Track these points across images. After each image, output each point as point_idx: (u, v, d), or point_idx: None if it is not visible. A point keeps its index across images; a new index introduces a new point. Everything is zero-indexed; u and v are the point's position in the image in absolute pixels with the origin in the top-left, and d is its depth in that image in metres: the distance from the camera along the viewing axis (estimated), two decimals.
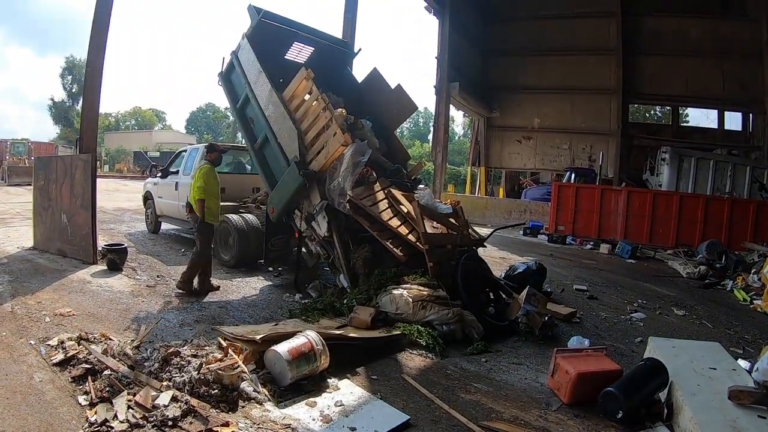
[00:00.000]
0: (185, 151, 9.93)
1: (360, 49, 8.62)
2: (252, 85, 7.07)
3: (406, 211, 6.50)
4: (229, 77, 7.67)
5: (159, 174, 10.29)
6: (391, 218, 6.36)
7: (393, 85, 7.99)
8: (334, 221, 6.44)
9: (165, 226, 10.66)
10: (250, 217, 8.16)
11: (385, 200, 6.64)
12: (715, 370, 4.06)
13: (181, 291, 6.40)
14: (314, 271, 7.50)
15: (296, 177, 6.42)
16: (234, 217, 8.04)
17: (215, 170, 6.70)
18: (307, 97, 6.74)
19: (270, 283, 7.35)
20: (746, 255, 11.22)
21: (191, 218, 6.74)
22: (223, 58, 7.64)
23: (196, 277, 6.53)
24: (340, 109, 7.29)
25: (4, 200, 16.01)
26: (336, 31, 11.78)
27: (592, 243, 13.80)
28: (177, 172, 9.63)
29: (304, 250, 7.14)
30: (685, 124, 24.08)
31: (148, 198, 10.80)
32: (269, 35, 7.46)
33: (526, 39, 22.63)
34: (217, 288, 6.68)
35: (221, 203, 6.92)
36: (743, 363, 4.58)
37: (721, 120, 20.71)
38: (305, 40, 7.95)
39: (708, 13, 19.34)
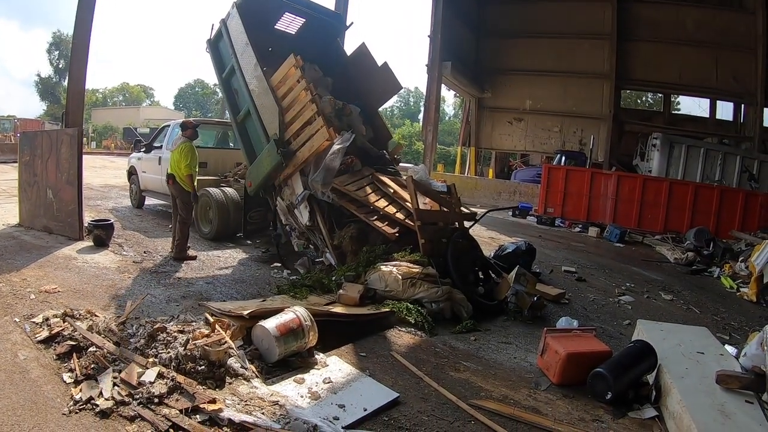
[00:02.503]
0: (168, 126, 9.94)
1: (352, 23, 8.54)
2: (238, 56, 6.98)
3: (392, 191, 6.46)
4: (217, 45, 7.54)
5: (143, 149, 10.28)
6: (378, 200, 6.35)
7: (380, 63, 7.93)
8: (316, 208, 6.47)
9: (151, 201, 10.59)
10: (229, 190, 8.20)
11: (371, 184, 6.66)
12: (703, 354, 4.09)
13: (179, 259, 6.72)
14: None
15: (274, 155, 6.46)
16: (214, 190, 8.08)
17: (193, 145, 7.06)
18: (294, 85, 6.56)
19: (258, 259, 7.29)
20: (734, 243, 11.29)
21: (174, 189, 6.98)
22: (212, 25, 7.50)
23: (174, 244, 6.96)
24: (328, 97, 7.25)
25: None
26: (328, 1, 11.59)
27: (580, 226, 13.83)
28: (160, 147, 9.63)
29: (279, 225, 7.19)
30: (676, 112, 24.14)
31: (132, 173, 10.79)
32: (260, 4, 7.39)
33: (520, 20, 22.38)
34: (194, 258, 6.94)
35: (201, 177, 7.53)
36: (730, 349, 4.63)
37: (713, 109, 20.70)
38: (296, 11, 7.87)
39: (705, 3, 19.24)
